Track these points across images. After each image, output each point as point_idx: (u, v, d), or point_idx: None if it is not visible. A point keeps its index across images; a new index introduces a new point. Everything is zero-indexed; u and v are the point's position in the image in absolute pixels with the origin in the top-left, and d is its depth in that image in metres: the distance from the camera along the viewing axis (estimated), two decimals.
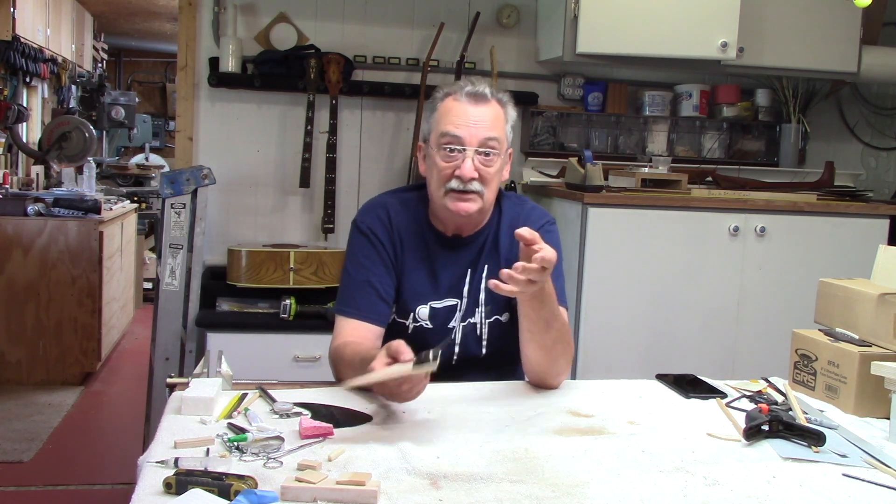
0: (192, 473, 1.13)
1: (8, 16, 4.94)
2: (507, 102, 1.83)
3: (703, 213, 3.12)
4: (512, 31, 3.70)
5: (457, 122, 1.75)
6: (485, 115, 1.76)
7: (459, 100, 1.78)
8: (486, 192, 1.77)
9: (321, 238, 3.59)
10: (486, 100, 1.78)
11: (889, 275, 1.76)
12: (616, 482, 1.25)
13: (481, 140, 1.75)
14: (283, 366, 3.13)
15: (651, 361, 3.06)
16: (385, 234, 1.86)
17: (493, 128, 1.77)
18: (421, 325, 1.86)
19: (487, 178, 1.77)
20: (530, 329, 1.67)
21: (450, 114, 1.77)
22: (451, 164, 1.76)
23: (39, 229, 4.38)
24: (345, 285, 1.86)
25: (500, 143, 1.78)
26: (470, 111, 1.76)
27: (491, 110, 1.78)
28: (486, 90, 1.79)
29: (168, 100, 9.27)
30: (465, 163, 1.74)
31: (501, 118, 1.80)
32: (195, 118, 3.53)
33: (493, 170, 1.78)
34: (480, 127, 1.75)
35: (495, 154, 1.77)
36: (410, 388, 1.44)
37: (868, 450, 1.43)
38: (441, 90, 1.84)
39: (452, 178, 1.75)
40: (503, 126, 1.80)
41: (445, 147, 1.76)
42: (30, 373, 4.39)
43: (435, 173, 1.79)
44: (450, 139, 1.75)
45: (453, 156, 1.75)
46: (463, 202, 1.76)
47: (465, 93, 1.78)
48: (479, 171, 1.75)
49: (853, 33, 3.52)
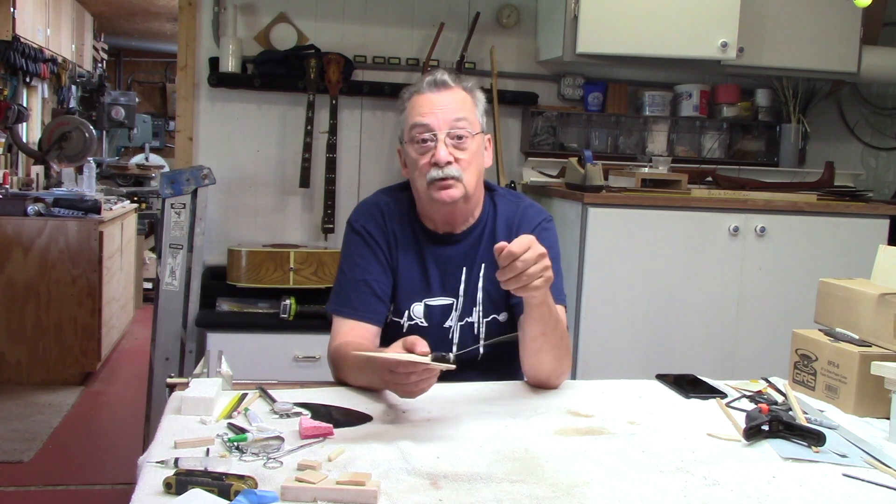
0: (192, 473, 1.13)
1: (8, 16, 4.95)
2: (472, 88, 1.85)
3: (703, 213, 3.12)
4: (512, 31, 3.70)
5: (423, 112, 1.78)
6: (449, 99, 1.79)
7: (423, 92, 1.80)
8: (465, 176, 1.78)
9: (321, 238, 3.59)
10: (448, 86, 1.80)
11: (889, 275, 1.76)
12: (616, 482, 1.25)
13: (449, 122, 1.76)
14: (283, 366, 3.13)
15: (651, 361, 3.06)
16: (380, 233, 1.87)
17: (461, 109, 1.78)
18: (416, 324, 1.85)
19: (464, 163, 1.77)
20: (544, 332, 1.66)
21: (416, 106, 1.80)
22: (426, 154, 1.77)
23: (39, 229, 4.38)
24: (340, 284, 1.86)
25: (471, 123, 1.79)
26: (434, 99, 1.78)
27: (455, 95, 1.80)
28: (447, 77, 1.81)
29: (168, 100, 9.27)
30: (439, 148, 1.75)
31: (469, 101, 1.82)
32: (195, 118, 3.53)
33: (469, 152, 1.78)
34: (447, 111, 1.77)
35: (467, 135, 1.78)
36: (419, 380, 1.43)
37: (868, 450, 1.43)
38: (406, 91, 1.86)
39: (431, 167, 1.76)
40: (472, 108, 1.82)
41: (417, 139, 1.78)
42: (30, 373, 4.39)
43: (415, 170, 1.80)
44: (419, 128, 1.77)
45: (426, 146, 1.77)
46: (445, 189, 1.77)
47: (426, 83, 1.81)
48: (454, 155, 1.76)
49: (853, 33, 3.52)
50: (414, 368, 1.42)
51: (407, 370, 1.42)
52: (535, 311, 1.63)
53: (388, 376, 1.46)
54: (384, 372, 1.47)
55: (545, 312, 1.64)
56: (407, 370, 1.42)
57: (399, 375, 1.44)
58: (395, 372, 1.44)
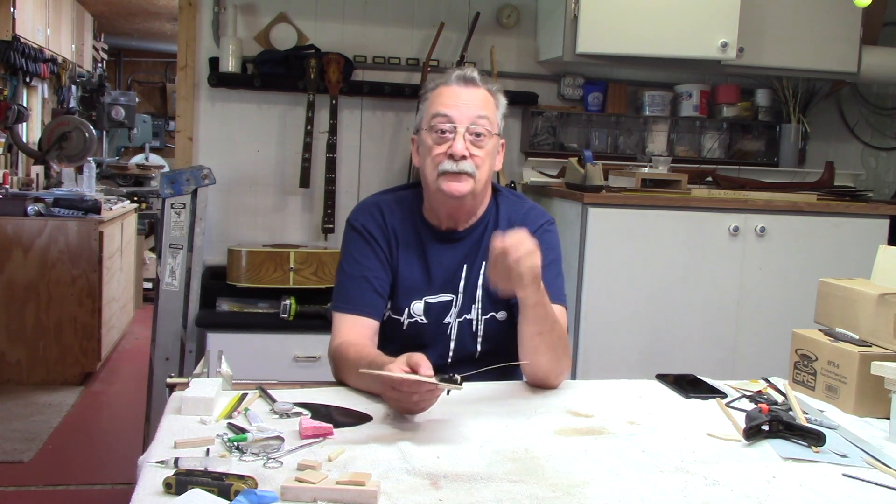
0: (192, 473, 1.13)
1: (8, 16, 4.95)
2: (497, 91, 1.86)
3: (703, 213, 3.13)
4: (512, 31, 3.70)
5: (447, 103, 1.78)
6: (475, 96, 1.80)
7: (450, 84, 1.81)
8: (477, 173, 1.78)
9: (321, 238, 3.59)
10: (475, 84, 1.82)
11: (889, 275, 1.76)
12: (616, 482, 1.25)
13: (472, 118, 1.77)
14: (283, 366, 3.13)
15: (651, 361, 3.05)
16: (379, 231, 1.87)
17: (484, 107, 1.80)
18: (416, 321, 1.85)
19: (479, 160, 1.78)
20: (540, 332, 1.66)
21: (441, 97, 1.80)
22: (443, 145, 1.77)
23: (39, 229, 4.38)
24: (340, 282, 1.86)
25: (491, 123, 1.80)
26: (460, 92, 1.80)
27: (480, 93, 1.81)
28: (476, 75, 1.83)
29: (168, 100, 9.27)
30: (457, 140, 1.76)
31: (492, 102, 1.83)
32: (195, 118, 3.53)
33: (485, 151, 1.79)
34: (471, 106, 1.78)
35: (486, 134, 1.78)
36: (420, 400, 1.43)
37: (868, 450, 1.43)
38: (432, 81, 1.87)
39: (445, 159, 1.77)
40: (494, 109, 1.83)
41: (437, 127, 1.78)
42: (30, 373, 4.39)
43: (428, 158, 1.80)
44: (441, 118, 1.77)
45: (445, 136, 1.77)
46: (455, 182, 1.77)
47: (454, 76, 1.82)
48: (470, 150, 1.77)
49: (853, 33, 3.52)
50: (418, 388, 1.41)
51: (411, 389, 1.41)
52: (531, 311, 1.63)
53: (391, 392, 1.46)
54: (387, 388, 1.46)
55: (541, 313, 1.64)
56: (411, 389, 1.41)
57: (402, 394, 1.43)
58: (398, 390, 1.43)
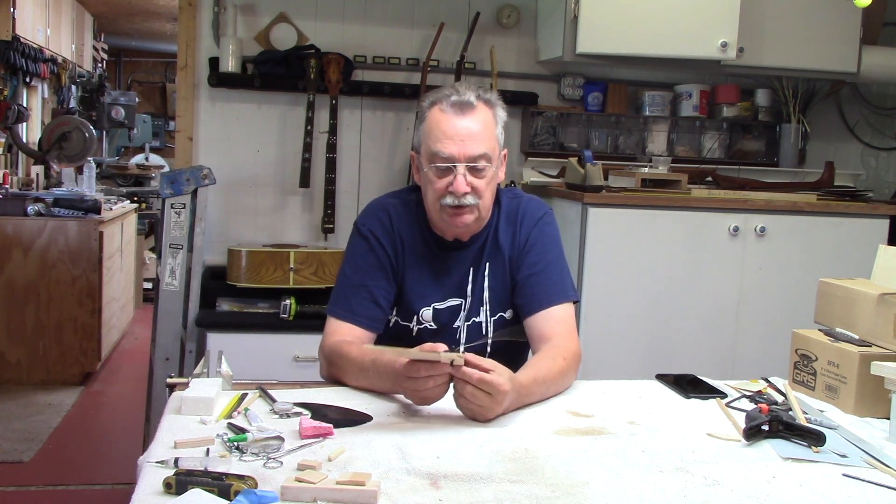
0: (192, 473, 1.13)
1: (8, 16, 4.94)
2: (495, 103, 1.81)
3: (703, 213, 3.12)
4: (512, 31, 3.70)
5: (444, 140, 1.73)
6: (473, 126, 1.74)
7: (445, 111, 1.75)
8: (481, 202, 1.78)
9: (321, 238, 3.59)
10: (472, 108, 1.75)
11: (889, 275, 1.76)
12: (616, 482, 1.25)
13: (470, 157, 1.73)
14: (283, 366, 3.13)
15: (651, 361, 3.05)
16: (386, 238, 1.85)
17: (483, 140, 1.75)
18: (425, 327, 1.85)
19: (481, 190, 1.77)
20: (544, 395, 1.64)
21: (437, 128, 1.75)
22: (443, 180, 1.75)
23: (39, 229, 4.38)
24: (340, 286, 1.85)
25: (492, 154, 1.77)
26: (457, 124, 1.74)
27: (479, 119, 1.76)
28: (472, 97, 1.76)
29: (168, 100, 9.27)
30: (458, 179, 1.73)
31: (491, 124, 1.78)
32: (195, 118, 3.53)
33: (486, 180, 1.77)
34: (469, 142, 1.73)
35: (487, 167, 1.76)
36: (435, 385, 1.45)
37: (868, 450, 1.43)
38: (427, 98, 1.82)
39: (447, 194, 1.75)
40: (493, 133, 1.78)
41: (436, 164, 1.75)
42: (30, 373, 4.39)
43: (430, 188, 1.78)
44: (440, 159, 1.74)
45: (445, 173, 1.75)
46: (459, 216, 1.77)
47: (450, 103, 1.76)
48: (472, 184, 1.75)
49: (853, 33, 3.51)
50: (430, 371, 1.43)
51: (428, 373, 1.43)
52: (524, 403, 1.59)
53: (406, 382, 1.47)
54: (401, 378, 1.47)
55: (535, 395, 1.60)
56: (428, 373, 1.43)
57: (417, 381, 1.45)
58: (413, 377, 1.45)
